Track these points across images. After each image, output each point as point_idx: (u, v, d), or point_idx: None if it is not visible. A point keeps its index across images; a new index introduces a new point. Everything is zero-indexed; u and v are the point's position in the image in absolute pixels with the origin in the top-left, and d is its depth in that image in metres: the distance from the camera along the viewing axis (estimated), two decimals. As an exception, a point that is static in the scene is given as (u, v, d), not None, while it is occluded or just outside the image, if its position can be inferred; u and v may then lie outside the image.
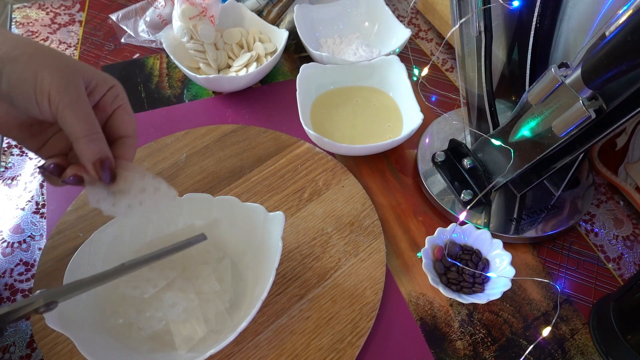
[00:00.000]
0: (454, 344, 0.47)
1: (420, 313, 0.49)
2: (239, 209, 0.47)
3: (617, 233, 0.57)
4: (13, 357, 0.44)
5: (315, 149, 0.61)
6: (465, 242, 0.52)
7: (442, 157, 0.59)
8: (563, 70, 0.41)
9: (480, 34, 0.48)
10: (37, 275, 0.48)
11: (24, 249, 0.52)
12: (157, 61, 0.72)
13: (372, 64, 0.66)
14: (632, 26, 0.32)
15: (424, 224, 0.56)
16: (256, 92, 0.69)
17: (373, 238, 0.53)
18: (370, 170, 0.61)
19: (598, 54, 0.35)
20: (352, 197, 0.56)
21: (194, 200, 0.47)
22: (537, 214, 0.56)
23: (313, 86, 0.65)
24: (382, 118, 0.64)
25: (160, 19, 0.74)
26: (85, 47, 0.74)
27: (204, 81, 0.64)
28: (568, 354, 0.47)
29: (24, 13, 0.78)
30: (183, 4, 0.63)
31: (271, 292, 0.48)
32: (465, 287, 0.48)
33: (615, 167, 0.60)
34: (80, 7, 0.81)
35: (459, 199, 0.56)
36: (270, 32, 0.71)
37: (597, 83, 0.37)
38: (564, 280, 0.53)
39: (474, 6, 0.47)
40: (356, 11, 0.76)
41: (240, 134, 0.62)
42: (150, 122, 0.64)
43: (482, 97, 0.53)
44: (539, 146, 0.45)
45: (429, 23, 0.83)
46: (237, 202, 0.47)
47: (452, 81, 0.74)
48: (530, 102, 0.44)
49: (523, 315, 0.49)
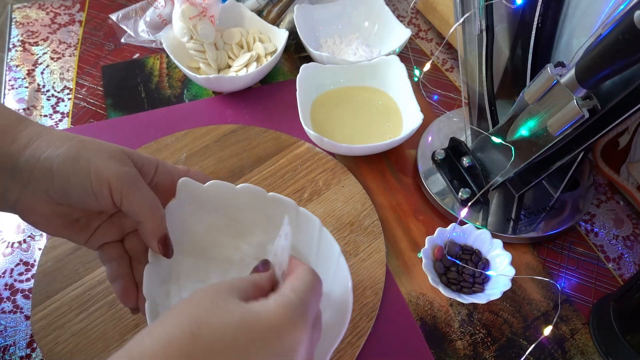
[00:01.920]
0: (454, 344, 0.47)
1: (420, 313, 0.49)
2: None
3: (617, 233, 0.57)
4: (13, 357, 0.44)
5: (315, 149, 0.61)
6: (465, 242, 0.52)
7: (441, 156, 0.59)
8: (559, 70, 0.41)
9: (482, 33, 0.49)
10: (37, 275, 0.48)
11: (24, 249, 0.52)
12: (157, 61, 0.72)
13: (372, 64, 0.66)
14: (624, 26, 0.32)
15: (424, 224, 0.56)
16: (256, 92, 0.69)
17: (373, 238, 0.53)
18: (370, 170, 0.61)
19: (591, 53, 0.35)
20: (352, 197, 0.56)
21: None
22: (535, 214, 0.56)
23: (313, 86, 0.65)
24: (382, 118, 0.64)
25: (160, 19, 0.74)
26: (85, 47, 0.74)
27: (204, 81, 0.64)
28: (568, 354, 0.47)
29: (24, 13, 0.78)
30: (183, 4, 0.63)
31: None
32: (465, 287, 0.48)
33: (618, 166, 0.60)
34: (80, 7, 0.81)
35: (457, 197, 0.56)
36: (270, 32, 0.71)
37: (591, 82, 0.37)
38: (564, 280, 0.53)
39: (476, 4, 0.47)
40: (356, 11, 0.76)
41: (240, 134, 0.62)
42: (150, 122, 0.64)
43: (483, 95, 0.53)
44: (535, 145, 0.45)
45: (429, 23, 0.83)
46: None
47: (452, 81, 0.74)
48: (527, 101, 0.44)
49: (523, 315, 0.49)
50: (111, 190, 0.32)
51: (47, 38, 0.75)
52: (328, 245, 0.41)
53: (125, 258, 0.37)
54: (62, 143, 0.32)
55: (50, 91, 0.68)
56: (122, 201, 0.33)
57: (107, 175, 0.32)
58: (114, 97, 0.67)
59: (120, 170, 0.32)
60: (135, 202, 0.33)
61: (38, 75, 0.69)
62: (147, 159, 0.36)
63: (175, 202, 0.38)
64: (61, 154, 0.31)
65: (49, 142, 0.32)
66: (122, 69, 0.71)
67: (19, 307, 0.48)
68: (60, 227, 0.34)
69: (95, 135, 0.62)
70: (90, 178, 0.32)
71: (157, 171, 0.37)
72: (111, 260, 0.37)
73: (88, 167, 0.32)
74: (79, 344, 0.44)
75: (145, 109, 0.66)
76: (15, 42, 0.74)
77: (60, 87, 0.68)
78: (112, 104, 0.67)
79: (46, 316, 0.45)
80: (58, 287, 0.47)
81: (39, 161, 0.31)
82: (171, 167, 0.38)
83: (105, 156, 0.32)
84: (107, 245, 0.37)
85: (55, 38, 0.75)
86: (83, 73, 0.70)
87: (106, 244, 0.37)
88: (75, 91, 0.68)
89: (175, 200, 0.38)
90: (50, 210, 0.33)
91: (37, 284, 0.47)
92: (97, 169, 0.32)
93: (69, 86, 0.68)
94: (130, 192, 0.32)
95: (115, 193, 0.32)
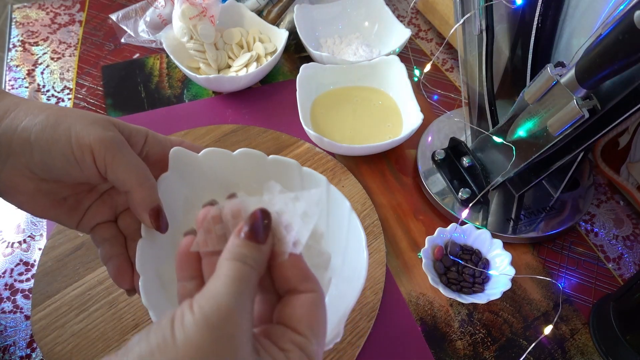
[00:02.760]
0: (454, 344, 0.47)
1: (420, 313, 0.49)
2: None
3: (617, 233, 0.57)
4: (13, 357, 0.44)
5: (315, 149, 0.61)
6: (465, 242, 0.52)
7: (441, 155, 0.59)
8: (559, 70, 0.41)
9: (482, 33, 0.49)
10: (37, 275, 0.48)
11: (24, 249, 0.52)
12: (157, 61, 0.72)
13: (372, 64, 0.66)
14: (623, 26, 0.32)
15: (424, 224, 0.56)
16: (256, 92, 0.69)
17: (373, 238, 0.53)
18: (370, 170, 0.61)
19: (591, 53, 0.35)
20: (352, 197, 0.56)
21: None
22: (535, 214, 0.56)
23: (313, 86, 0.65)
24: (382, 118, 0.64)
25: (160, 19, 0.74)
26: (85, 47, 0.74)
27: (204, 81, 0.64)
28: (568, 353, 0.47)
29: (24, 13, 0.78)
30: (183, 4, 0.63)
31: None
32: (465, 287, 0.48)
33: (618, 166, 0.60)
34: (81, 7, 0.81)
35: (457, 197, 0.56)
36: (270, 32, 0.71)
37: (591, 82, 0.37)
38: (564, 280, 0.53)
39: (476, 4, 0.47)
40: (356, 11, 0.76)
41: (240, 134, 0.62)
42: (150, 122, 0.64)
43: (483, 95, 0.53)
44: (535, 145, 0.45)
45: (429, 23, 0.83)
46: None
47: (452, 81, 0.74)
48: (527, 101, 0.44)
49: (523, 315, 0.49)
50: (94, 157, 0.30)
51: (47, 38, 0.75)
52: (338, 203, 0.38)
53: (119, 237, 0.35)
54: (40, 112, 0.30)
55: (51, 91, 0.68)
56: (106, 169, 0.30)
57: (89, 141, 0.29)
58: (114, 97, 0.67)
59: (104, 134, 0.30)
60: (120, 170, 0.30)
61: (38, 75, 0.69)
62: (135, 128, 0.33)
63: (169, 173, 0.35)
64: (39, 122, 0.29)
65: (27, 111, 0.30)
66: (122, 69, 0.71)
67: (19, 307, 0.48)
68: (48, 207, 0.32)
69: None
70: (72, 145, 0.29)
71: (146, 141, 0.34)
72: (104, 240, 0.34)
73: (68, 134, 0.29)
74: (79, 344, 0.44)
75: (145, 109, 0.66)
76: (15, 42, 0.74)
77: (60, 87, 0.68)
78: (112, 104, 0.67)
79: (46, 316, 0.45)
80: (58, 287, 0.47)
81: (16, 132, 0.29)
82: (162, 138, 0.35)
83: (87, 122, 0.30)
84: (99, 225, 0.34)
85: (55, 38, 0.75)
86: (83, 73, 0.70)
87: (99, 225, 0.34)
88: (75, 91, 0.68)
89: (169, 171, 0.35)
90: (35, 187, 0.31)
91: (37, 283, 0.47)
92: (77, 135, 0.29)
93: (69, 86, 0.68)
94: (115, 159, 0.30)
95: (99, 160, 0.30)
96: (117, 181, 0.31)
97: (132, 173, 0.31)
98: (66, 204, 0.33)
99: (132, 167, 0.31)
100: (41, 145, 0.29)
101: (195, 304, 0.22)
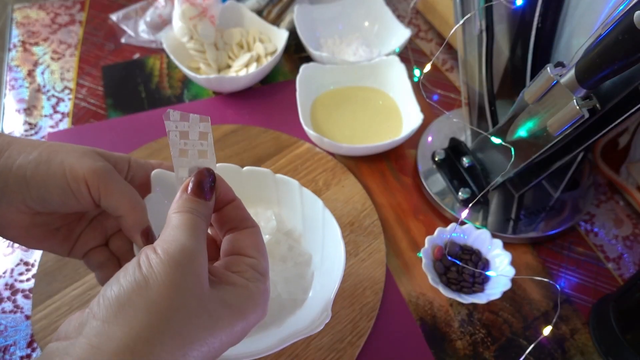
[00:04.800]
0: (454, 344, 0.47)
1: (420, 313, 0.49)
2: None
3: (617, 233, 0.57)
4: (13, 357, 0.44)
5: (315, 149, 0.61)
6: (465, 242, 0.52)
7: (441, 156, 0.59)
8: (559, 70, 0.41)
9: (482, 33, 0.49)
10: (37, 275, 0.48)
11: (24, 248, 0.52)
12: (157, 61, 0.73)
13: (372, 64, 0.66)
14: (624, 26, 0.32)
15: (424, 224, 0.56)
16: (256, 92, 0.69)
17: (373, 238, 0.53)
18: (370, 170, 0.61)
19: (591, 53, 0.35)
20: (352, 197, 0.56)
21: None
22: (535, 214, 0.56)
23: (313, 86, 0.65)
24: (382, 118, 0.64)
25: (160, 19, 0.74)
26: (86, 48, 0.74)
27: (204, 81, 0.64)
28: (568, 353, 0.47)
29: (24, 13, 0.78)
30: (183, 4, 0.63)
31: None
32: (465, 287, 0.48)
33: (617, 166, 0.60)
34: (81, 7, 0.81)
35: (457, 198, 0.56)
36: (270, 32, 0.71)
37: (591, 82, 0.37)
38: (564, 280, 0.53)
39: (476, 4, 0.47)
40: (356, 11, 0.76)
41: (240, 134, 0.62)
42: (150, 122, 0.64)
43: (483, 95, 0.53)
44: (535, 145, 0.45)
45: (429, 23, 0.83)
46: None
47: (452, 81, 0.74)
48: (527, 101, 0.44)
49: (523, 315, 0.49)
50: (89, 187, 0.32)
51: (48, 38, 0.75)
52: (311, 202, 0.42)
53: (113, 260, 0.36)
54: (33, 149, 0.32)
55: (51, 91, 0.68)
56: (100, 196, 0.32)
57: (82, 172, 0.31)
58: (114, 97, 0.68)
59: (95, 165, 0.32)
60: (114, 196, 0.32)
61: (38, 76, 0.69)
62: (119, 156, 0.36)
63: (153, 194, 0.37)
64: (33, 159, 0.31)
65: (19, 150, 0.31)
66: (123, 69, 0.71)
67: (20, 307, 0.48)
68: (41, 238, 0.34)
69: (95, 135, 0.62)
70: (66, 178, 0.31)
71: (130, 167, 0.36)
72: (99, 265, 0.36)
73: (62, 168, 0.31)
74: (79, 343, 0.44)
75: (145, 109, 0.66)
76: (16, 42, 0.74)
77: (60, 87, 0.68)
78: (113, 104, 0.67)
79: (46, 316, 0.45)
80: (58, 286, 0.47)
81: (12, 171, 0.31)
82: (143, 162, 0.38)
83: (77, 155, 0.32)
84: (92, 251, 0.36)
85: (55, 38, 0.75)
86: (83, 73, 0.70)
87: (91, 250, 0.36)
88: (75, 91, 0.68)
89: (152, 192, 0.37)
90: (29, 221, 0.33)
91: (38, 283, 0.47)
92: (71, 167, 0.31)
93: (69, 86, 0.68)
94: (107, 186, 0.32)
95: (93, 189, 0.32)
96: (111, 207, 0.33)
97: (125, 199, 0.33)
98: (59, 234, 0.35)
99: (124, 193, 0.33)
100: (37, 181, 0.31)
101: (159, 248, 0.25)
